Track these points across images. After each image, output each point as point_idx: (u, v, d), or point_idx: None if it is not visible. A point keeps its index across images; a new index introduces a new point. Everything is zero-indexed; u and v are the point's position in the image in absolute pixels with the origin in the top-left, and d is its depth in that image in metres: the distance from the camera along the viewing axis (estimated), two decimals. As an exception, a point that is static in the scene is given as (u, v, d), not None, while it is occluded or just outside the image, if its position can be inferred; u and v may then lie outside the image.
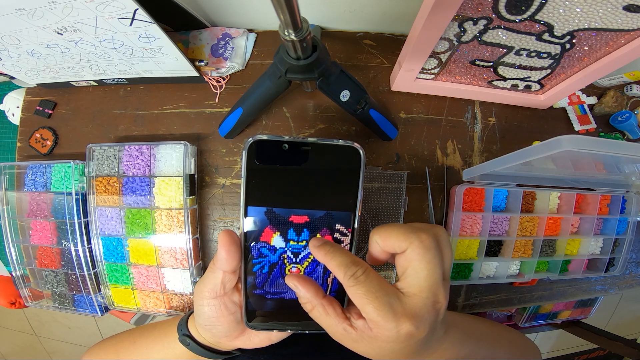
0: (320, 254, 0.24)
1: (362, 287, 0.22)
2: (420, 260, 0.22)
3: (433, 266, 0.22)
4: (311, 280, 0.24)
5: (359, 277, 0.22)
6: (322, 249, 0.24)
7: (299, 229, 0.25)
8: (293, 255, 0.26)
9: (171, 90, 0.51)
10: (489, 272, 0.51)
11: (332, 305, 0.24)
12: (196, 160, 0.48)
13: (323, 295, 0.24)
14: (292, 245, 0.26)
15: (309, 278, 0.25)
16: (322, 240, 0.25)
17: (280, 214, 0.25)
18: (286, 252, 0.26)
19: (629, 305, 1.60)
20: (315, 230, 0.25)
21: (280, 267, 0.26)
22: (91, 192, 0.47)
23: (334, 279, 0.26)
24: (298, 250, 0.26)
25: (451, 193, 0.49)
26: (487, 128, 0.53)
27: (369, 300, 0.21)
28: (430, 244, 0.22)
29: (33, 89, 0.55)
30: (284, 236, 0.25)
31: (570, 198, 0.50)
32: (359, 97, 0.41)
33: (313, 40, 0.32)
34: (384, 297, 0.22)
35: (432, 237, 0.23)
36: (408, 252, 0.23)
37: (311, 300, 0.24)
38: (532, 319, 0.97)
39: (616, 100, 0.54)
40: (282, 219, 0.25)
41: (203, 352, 0.32)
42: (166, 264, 0.46)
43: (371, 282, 0.22)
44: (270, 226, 0.25)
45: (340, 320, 0.23)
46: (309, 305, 0.24)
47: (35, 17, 0.34)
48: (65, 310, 0.51)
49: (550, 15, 0.33)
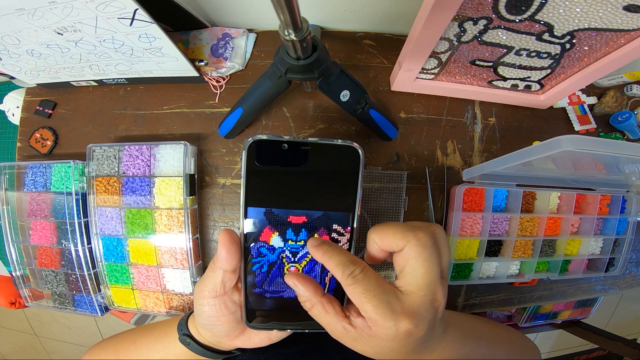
0: (319, 253, 0.24)
1: (360, 286, 0.22)
2: (418, 258, 0.22)
3: (430, 264, 0.22)
4: (310, 279, 0.24)
5: (357, 275, 0.22)
6: (320, 249, 0.24)
7: (298, 228, 0.25)
8: (291, 254, 0.26)
9: (171, 90, 0.51)
10: (489, 272, 0.51)
11: (331, 304, 0.24)
12: (196, 160, 0.48)
13: (322, 293, 0.24)
14: (291, 245, 0.26)
15: (308, 276, 0.25)
16: (320, 240, 0.25)
17: (280, 214, 0.25)
18: (285, 251, 0.26)
19: (629, 305, 1.60)
20: (313, 230, 0.25)
21: (279, 267, 0.26)
22: (91, 192, 0.47)
23: (331, 278, 0.26)
24: (296, 250, 0.26)
25: (451, 193, 0.49)
26: (487, 128, 0.53)
27: (367, 298, 0.21)
28: (427, 242, 0.23)
29: (33, 89, 0.55)
30: (283, 236, 0.25)
31: (570, 198, 0.50)
32: (359, 97, 0.41)
33: (313, 40, 0.32)
34: (382, 295, 0.22)
35: (429, 235, 0.23)
36: (405, 250, 0.23)
37: (310, 299, 0.24)
38: (532, 319, 0.97)
39: (616, 100, 0.54)
40: (281, 219, 0.25)
41: (203, 352, 0.32)
42: (166, 264, 0.46)
43: (369, 280, 0.22)
44: (269, 226, 0.25)
45: (340, 318, 0.23)
46: (308, 304, 0.24)
47: (35, 17, 0.34)
48: (65, 310, 0.51)
49: (550, 15, 0.33)
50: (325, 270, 0.26)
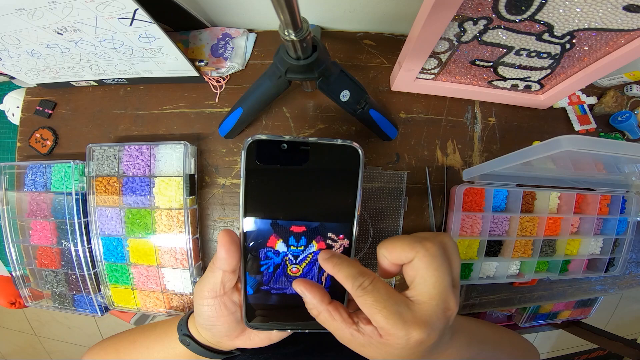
0: (329, 266, 0.24)
1: (370, 297, 0.22)
2: (427, 268, 0.22)
3: (441, 273, 0.22)
4: (318, 286, 0.24)
5: (367, 287, 0.22)
6: (330, 262, 0.24)
7: (299, 232, 0.25)
8: (294, 257, 0.26)
9: (171, 90, 0.51)
10: (489, 272, 0.51)
11: (337, 311, 0.24)
12: (196, 160, 0.48)
13: (329, 300, 0.24)
14: (292, 249, 0.26)
15: (315, 283, 0.25)
16: (330, 253, 0.25)
17: (279, 215, 0.25)
18: (288, 255, 0.26)
19: (629, 305, 1.60)
20: (314, 232, 0.25)
21: (282, 268, 0.26)
22: (91, 192, 0.47)
23: (327, 277, 0.26)
24: (297, 253, 0.26)
25: (451, 193, 0.49)
26: (487, 128, 0.53)
27: (377, 309, 0.22)
28: (436, 252, 0.23)
29: (33, 89, 0.55)
30: (286, 242, 0.25)
31: (570, 198, 0.50)
32: (359, 97, 0.41)
33: (313, 40, 0.32)
34: (393, 305, 0.22)
35: (438, 244, 0.23)
36: (415, 261, 0.23)
37: (317, 306, 0.24)
38: (532, 319, 0.97)
39: (616, 100, 0.54)
40: (283, 219, 0.25)
41: (203, 352, 0.32)
42: (166, 264, 0.46)
43: (379, 291, 0.22)
44: (270, 226, 0.25)
45: (347, 325, 0.23)
46: (315, 311, 0.24)
47: (35, 17, 0.34)
48: (65, 310, 0.51)
49: (550, 15, 0.33)
50: (322, 270, 0.26)
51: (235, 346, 0.31)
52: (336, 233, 0.26)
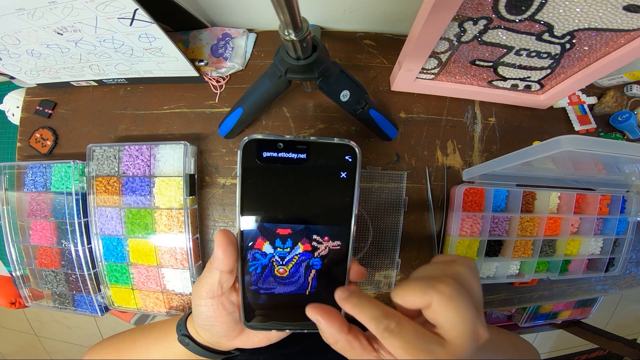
0: (348, 306, 0.23)
1: (398, 340, 0.21)
2: (447, 311, 0.21)
3: (463, 310, 0.21)
4: (335, 313, 0.23)
5: (393, 329, 0.21)
6: (348, 302, 0.23)
7: (296, 232, 0.25)
8: (280, 258, 0.26)
9: (171, 90, 0.51)
10: (489, 272, 0.51)
11: (357, 339, 0.23)
12: (196, 160, 0.48)
13: (348, 329, 0.23)
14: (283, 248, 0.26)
15: (332, 310, 0.24)
16: (348, 291, 0.24)
17: (278, 215, 0.25)
18: (274, 255, 0.26)
19: (629, 305, 1.60)
20: (311, 231, 0.25)
21: (270, 269, 0.26)
22: (91, 192, 0.47)
23: (314, 277, 0.26)
24: (287, 254, 0.26)
25: (451, 193, 0.49)
26: (487, 128, 0.53)
27: (408, 353, 0.20)
28: (451, 293, 0.21)
29: (33, 89, 0.55)
30: (278, 241, 0.25)
31: (570, 198, 0.50)
32: (359, 97, 0.41)
33: (313, 40, 0.31)
34: (424, 345, 0.21)
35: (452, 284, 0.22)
36: (433, 307, 0.22)
37: (334, 336, 0.23)
38: (532, 319, 0.97)
39: (616, 100, 0.54)
40: (280, 219, 0.25)
41: (202, 352, 0.32)
42: (166, 264, 0.46)
43: (407, 333, 0.21)
44: (263, 234, 0.25)
45: (367, 352, 0.22)
46: (332, 340, 0.23)
47: (35, 17, 0.34)
48: (65, 310, 0.51)
49: (550, 15, 0.33)
50: (308, 270, 0.26)
51: (234, 346, 0.31)
52: (334, 233, 0.26)
